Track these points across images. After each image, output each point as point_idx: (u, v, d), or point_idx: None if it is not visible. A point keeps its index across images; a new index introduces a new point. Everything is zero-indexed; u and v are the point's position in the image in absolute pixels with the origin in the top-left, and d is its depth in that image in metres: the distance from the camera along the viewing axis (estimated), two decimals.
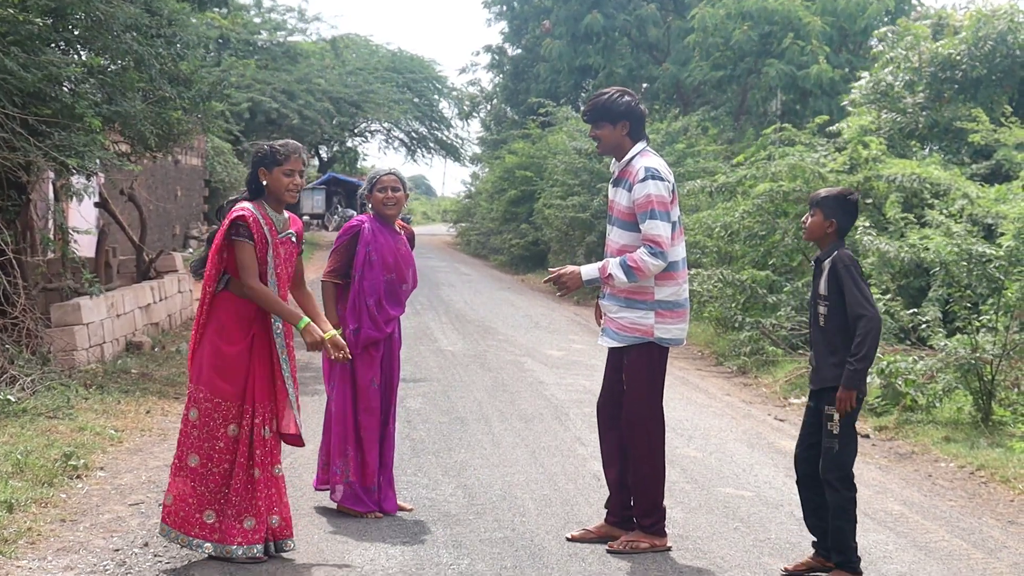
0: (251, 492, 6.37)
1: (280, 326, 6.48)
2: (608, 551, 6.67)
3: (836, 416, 6.23)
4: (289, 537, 6.50)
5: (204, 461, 6.32)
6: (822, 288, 6.36)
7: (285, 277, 6.54)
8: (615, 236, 6.80)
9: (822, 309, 6.37)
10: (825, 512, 6.42)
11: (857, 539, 6.32)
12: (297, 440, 6.59)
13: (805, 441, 6.54)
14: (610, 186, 7.00)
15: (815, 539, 6.49)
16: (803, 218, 6.71)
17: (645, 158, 6.78)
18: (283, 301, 6.43)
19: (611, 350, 6.91)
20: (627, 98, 6.81)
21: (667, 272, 6.70)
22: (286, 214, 6.63)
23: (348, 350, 7.05)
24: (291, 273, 6.64)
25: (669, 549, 6.77)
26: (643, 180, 6.62)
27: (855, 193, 6.61)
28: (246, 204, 6.42)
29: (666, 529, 6.85)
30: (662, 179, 6.67)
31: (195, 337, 6.46)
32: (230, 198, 6.68)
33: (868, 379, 11.31)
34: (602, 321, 6.97)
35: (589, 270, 6.74)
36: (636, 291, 6.69)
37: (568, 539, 6.89)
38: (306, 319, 6.45)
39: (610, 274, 6.61)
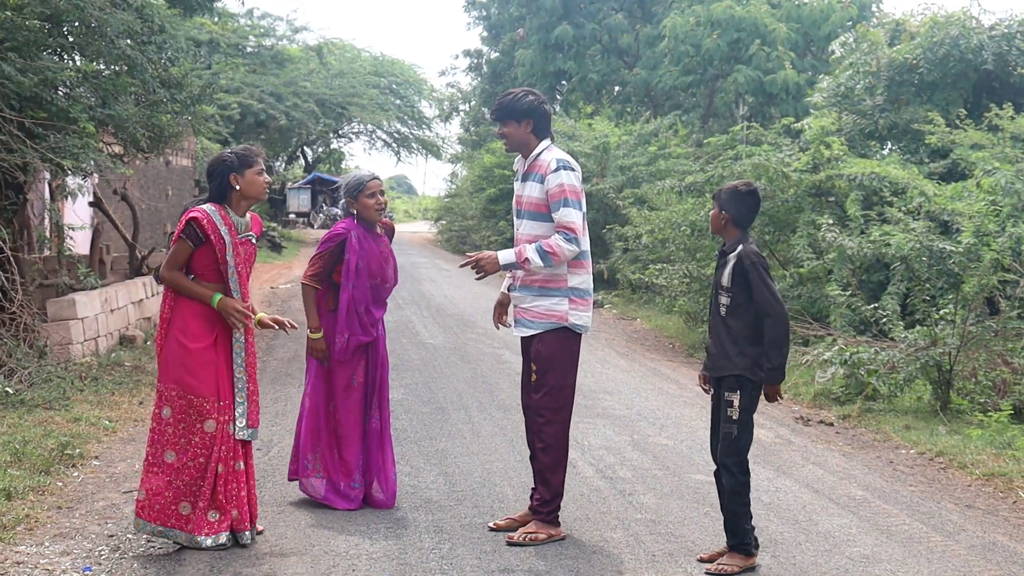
0: (214, 487, 6.50)
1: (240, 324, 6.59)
2: (508, 543, 6.73)
3: (736, 402, 6.37)
4: (247, 530, 6.57)
5: (180, 456, 6.42)
6: (725, 280, 6.44)
7: (245, 275, 6.66)
8: (526, 229, 6.91)
9: (724, 300, 6.45)
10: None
11: (825, 522, 6.45)
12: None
13: (716, 430, 6.64)
14: (517, 182, 7.11)
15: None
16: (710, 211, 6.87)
17: (553, 151, 6.92)
18: (194, 285, 6.49)
19: (524, 340, 7.02)
20: (531, 97, 6.97)
21: (577, 260, 6.84)
22: (248, 216, 6.76)
23: (326, 352, 7.31)
24: (250, 272, 6.75)
25: (564, 538, 6.87)
26: (556, 171, 6.76)
27: (751, 185, 6.66)
28: (204, 206, 6.54)
29: (560, 520, 6.95)
30: (573, 169, 6.83)
31: (160, 335, 6.57)
32: (186, 203, 6.80)
33: (832, 370, 11.64)
34: (511, 312, 7.12)
35: (506, 255, 6.84)
36: (550, 279, 6.83)
37: (491, 528, 7.00)
38: (218, 295, 6.50)
39: (526, 258, 6.73)
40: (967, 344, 10.94)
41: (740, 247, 6.43)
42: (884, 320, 12.01)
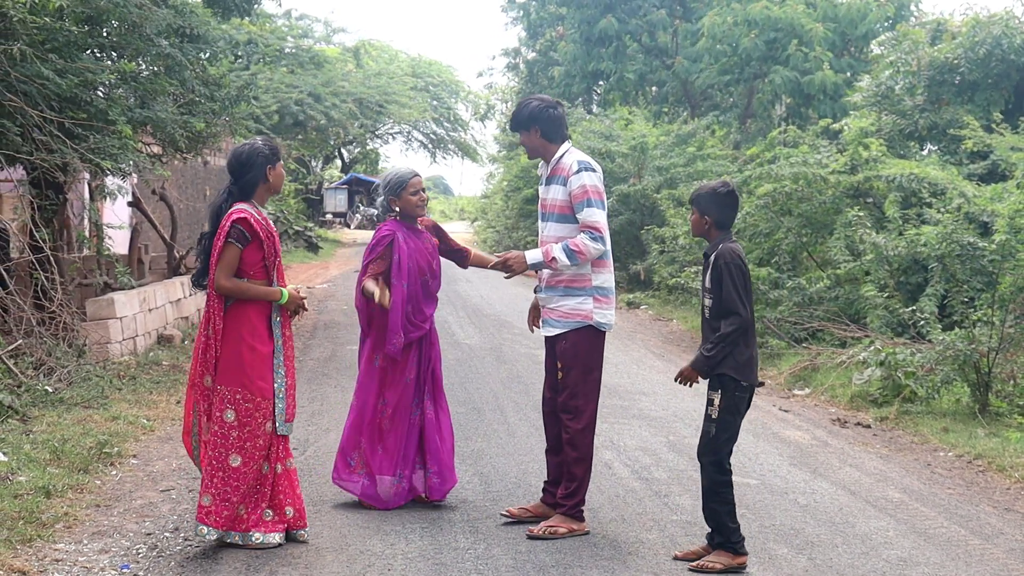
0: (271, 486, 6.56)
1: (278, 318, 6.60)
2: (528, 536, 6.82)
3: (716, 401, 6.36)
4: (303, 527, 6.66)
5: (247, 460, 6.43)
6: (708, 281, 6.44)
7: (281, 266, 6.70)
8: (551, 231, 7.00)
9: (707, 301, 6.46)
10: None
11: (862, 525, 6.40)
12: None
13: None
14: (541, 186, 7.21)
15: (710, 529, 6.57)
16: (690, 216, 6.87)
17: (574, 154, 7.02)
18: (257, 287, 6.49)
19: (548, 339, 7.11)
20: (535, 103, 7.07)
21: (601, 260, 6.95)
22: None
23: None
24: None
25: (587, 533, 6.95)
26: (577, 172, 6.86)
27: (729, 184, 6.63)
28: (244, 206, 6.53)
29: (584, 514, 7.04)
30: (594, 170, 6.93)
31: (209, 340, 6.48)
32: (216, 203, 6.69)
33: (868, 371, 11.58)
34: (541, 314, 7.18)
35: (534, 254, 6.97)
36: (574, 279, 6.94)
37: (503, 515, 7.14)
38: (285, 290, 6.57)
39: (554, 257, 6.84)
40: (1005, 346, 10.85)
41: (719, 247, 6.41)
42: (922, 322, 11.94)
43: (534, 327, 7.38)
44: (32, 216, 11.78)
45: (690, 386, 6.54)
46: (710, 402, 6.40)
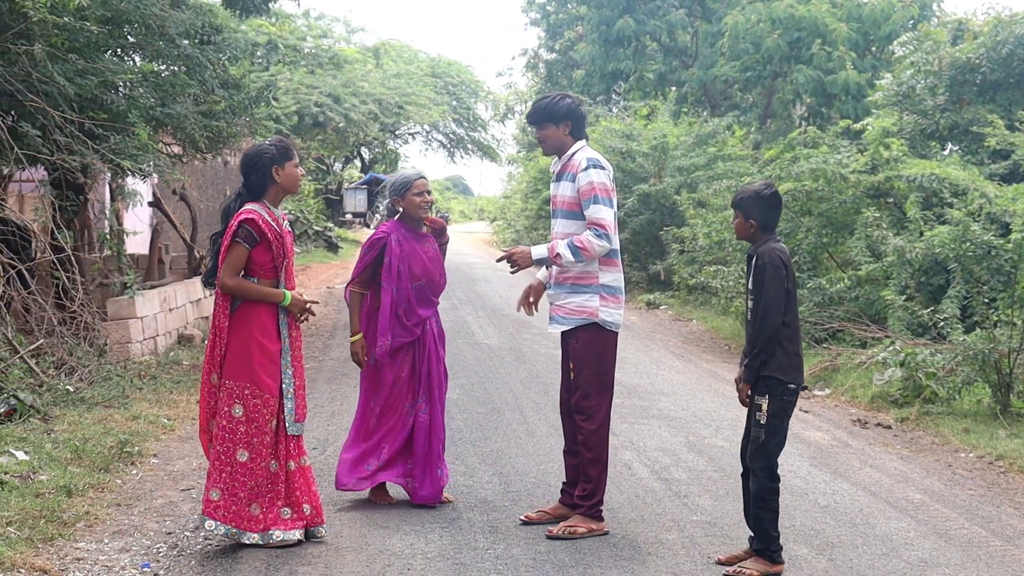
0: (287, 483, 6.57)
1: (285, 319, 6.61)
2: (547, 536, 6.82)
3: (764, 406, 6.25)
4: (321, 524, 6.68)
5: (253, 456, 6.44)
6: (751, 283, 6.37)
7: (291, 265, 6.70)
8: (560, 227, 7.04)
9: (750, 303, 6.38)
10: None
11: (883, 526, 6.32)
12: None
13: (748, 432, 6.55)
14: (552, 182, 7.25)
15: (752, 533, 6.48)
16: (733, 220, 6.81)
17: (585, 151, 7.06)
18: (260, 287, 6.51)
19: (563, 338, 7.14)
20: (568, 100, 7.12)
21: (609, 258, 6.97)
22: (279, 209, 6.76)
23: (363, 355, 7.41)
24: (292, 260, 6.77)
25: (606, 533, 6.95)
26: (586, 169, 6.89)
27: (772, 186, 6.55)
28: (252, 206, 6.54)
29: (604, 514, 7.04)
30: (603, 168, 6.96)
31: (216, 337, 6.49)
32: (226, 203, 6.72)
33: (889, 372, 11.54)
34: (536, 300, 7.23)
35: (539, 250, 7.01)
36: (581, 276, 6.96)
37: (522, 521, 7.12)
38: (289, 293, 6.57)
39: (558, 253, 6.87)
40: None
41: (762, 247, 6.33)
42: (943, 323, 11.88)
43: (521, 307, 7.33)
44: (53, 216, 11.82)
45: (748, 400, 6.38)
46: (758, 407, 6.29)
